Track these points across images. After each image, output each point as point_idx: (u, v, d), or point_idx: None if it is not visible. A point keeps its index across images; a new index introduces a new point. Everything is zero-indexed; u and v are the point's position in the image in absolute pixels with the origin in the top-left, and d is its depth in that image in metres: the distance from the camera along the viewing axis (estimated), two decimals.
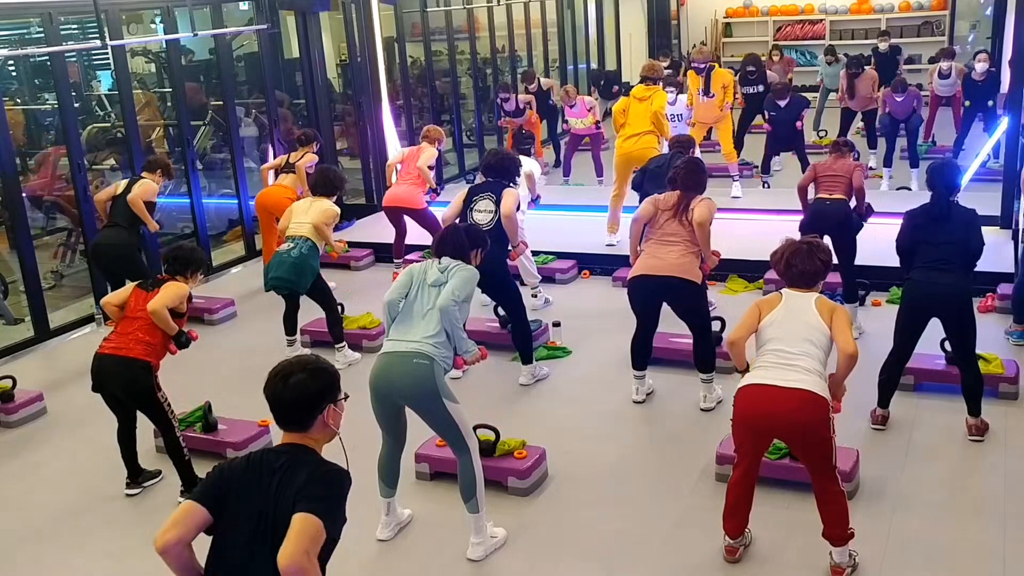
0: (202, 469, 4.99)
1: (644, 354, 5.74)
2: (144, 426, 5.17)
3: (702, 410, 5.62)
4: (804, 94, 14.46)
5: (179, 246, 5.48)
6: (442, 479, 4.99)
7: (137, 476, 5.20)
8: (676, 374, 6.11)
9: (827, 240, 6.28)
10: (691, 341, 5.71)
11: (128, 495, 5.17)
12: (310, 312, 6.93)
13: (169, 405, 4.99)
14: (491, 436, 4.94)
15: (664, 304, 5.64)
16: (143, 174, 7.38)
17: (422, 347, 4.19)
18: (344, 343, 6.77)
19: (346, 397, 2.85)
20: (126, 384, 4.92)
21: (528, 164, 7.39)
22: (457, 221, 6.35)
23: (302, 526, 2.53)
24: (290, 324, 6.87)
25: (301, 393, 2.74)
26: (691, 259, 5.43)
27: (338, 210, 6.89)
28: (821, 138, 12.44)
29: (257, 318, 7.83)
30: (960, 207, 5.22)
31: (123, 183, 7.38)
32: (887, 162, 10.62)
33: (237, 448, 5.35)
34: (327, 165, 7.90)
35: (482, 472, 4.31)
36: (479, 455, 4.36)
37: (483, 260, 4.69)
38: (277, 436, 5.44)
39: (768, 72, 11.97)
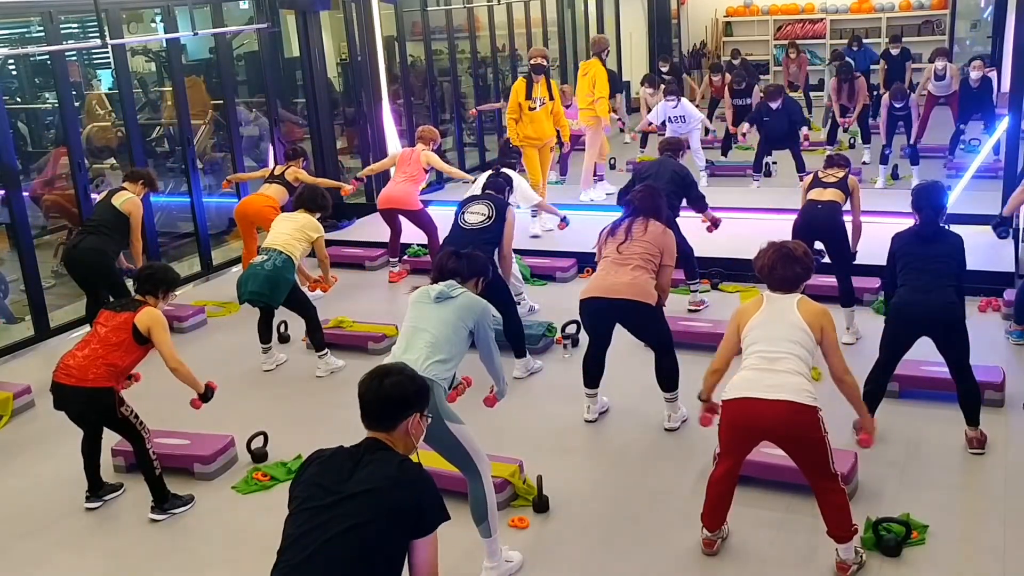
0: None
1: (596, 373, 5.63)
2: (106, 441, 5.09)
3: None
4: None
5: (149, 265, 5.43)
6: (449, 497, 4.96)
7: (98, 489, 5.08)
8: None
9: (819, 245, 6.29)
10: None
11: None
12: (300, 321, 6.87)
13: (136, 417, 4.89)
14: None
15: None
16: (124, 184, 7.29)
17: (420, 368, 4.02)
18: (326, 350, 6.68)
19: (429, 416, 2.96)
20: (86, 410, 4.86)
21: (518, 180, 7.44)
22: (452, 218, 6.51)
23: (428, 552, 2.77)
24: (265, 332, 6.82)
25: (397, 392, 2.87)
26: (645, 279, 5.32)
27: (322, 229, 6.88)
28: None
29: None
30: (950, 232, 5.15)
31: (104, 192, 7.33)
32: (883, 160, 10.63)
33: (205, 462, 5.29)
34: (316, 185, 7.89)
35: (494, 494, 4.16)
36: (491, 478, 4.19)
37: (483, 289, 4.61)
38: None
39: (757, 81, 12.09)
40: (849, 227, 6.53)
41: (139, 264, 7.07)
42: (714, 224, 7.37)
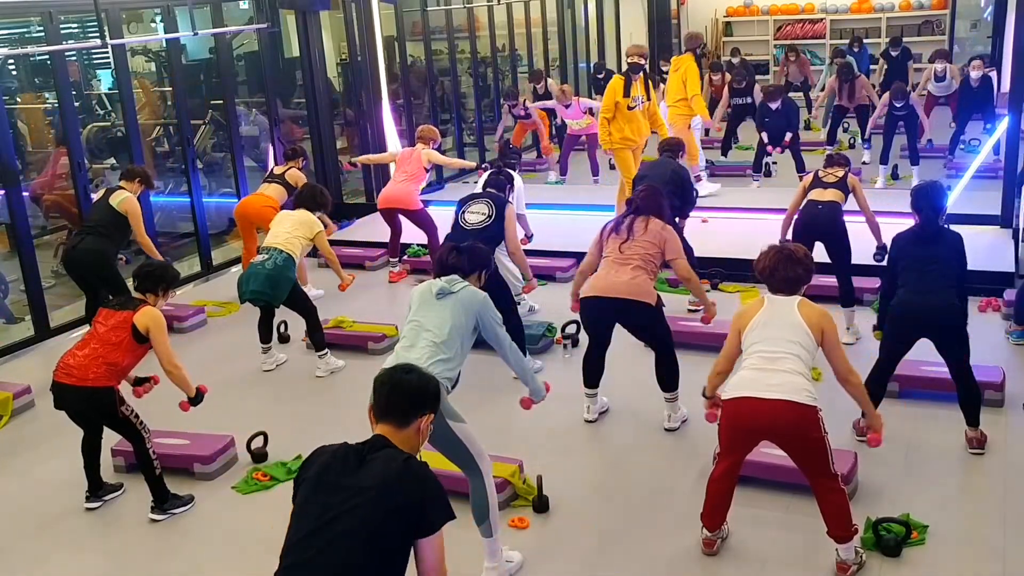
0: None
1: (596, 373, 5.64)
2: (106, 441, 5.09)
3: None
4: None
5: (149, 263, 5.42)
6: (450, 497, 4.95)
7: (98, 489, 5.07)
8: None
9: (819, 246, 6.28)
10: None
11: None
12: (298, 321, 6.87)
13: (137, 417, 4.88)
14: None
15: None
16: (121, 183, 7.28)
17: (424, 367, 4.06)
18: (326, 350, 6.68)
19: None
20: (87, 409, 4.85)
21: (518, 181, 7.43)
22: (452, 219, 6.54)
23: (434, 552, 2.73)
24: (265, 332, 6.81)
25: (419, 387, 2.91)
26: (644, 279, 5.32)
27: (321, 225, 6.87)
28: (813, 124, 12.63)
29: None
30: (949, 231, 5.16)
31: (101, 191, 7.33)
32: (883, 159, 10.63)
33: (205, 462, 5.28)
34: (316, 183, 7.89)
35: (495, 494, 4.17)
36: (492, 477, 4.18)
37: (486, 282, 4.60)
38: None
39: (756, 82, 12.09)
40: (860, 228, 6.51)
41: (157, 258, 7.04)
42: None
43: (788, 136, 10.41)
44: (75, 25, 10.38)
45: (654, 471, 5.13)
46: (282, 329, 7.22)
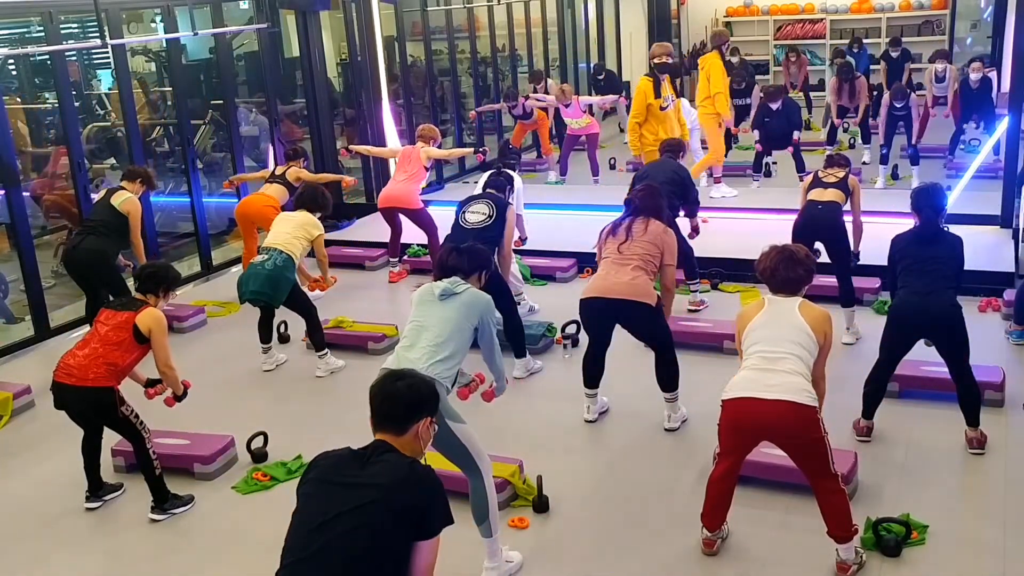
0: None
1: (596, 373, 5.63)
2: (106, 441, 5.08)
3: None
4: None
5: (151, 264, 5.45)
6: (450, 497, 4.96)
7: (98, 490, 5.06)
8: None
9: (819, 246, 6.27)
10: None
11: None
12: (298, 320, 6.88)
13: (137, 417, 4.87)
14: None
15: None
16: (123, 183, 7.30)
17: (423, 368, 4.00)
18: (326, 350, 6.68)
19: (436, 425, 2.99)
20: (87, 409, 4.85)
21: (518, 181, 7.44)
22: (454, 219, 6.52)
23: (429, 555, 2.77)
24: (265, 332, 6.81)
25: (412, 394, 2.90)
26: (644, 280, 5.32)
27: (322, 227, 6.90)
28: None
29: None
30: (949, 233, 5.16)
31: (103, 191, 7.35)
32: (883, 160, 10.63)
33: (205, 462, 5.28)
34: (317, 185, 7.92)
35: (495, 494, 4.16)
36: (492, 477, 4.18)
37: (487, 283, 4.60)
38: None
39: (756, 85, 12.10)
40: (849, 227, 6.52)
41: (142, 262, 7.06)
42: (694, 231, 7.32)
43: (796, 136, 10.39)
44: (75, 25, 10.39)
45: (654, 471, 5.13)
46: (282, 329, 7.22)
